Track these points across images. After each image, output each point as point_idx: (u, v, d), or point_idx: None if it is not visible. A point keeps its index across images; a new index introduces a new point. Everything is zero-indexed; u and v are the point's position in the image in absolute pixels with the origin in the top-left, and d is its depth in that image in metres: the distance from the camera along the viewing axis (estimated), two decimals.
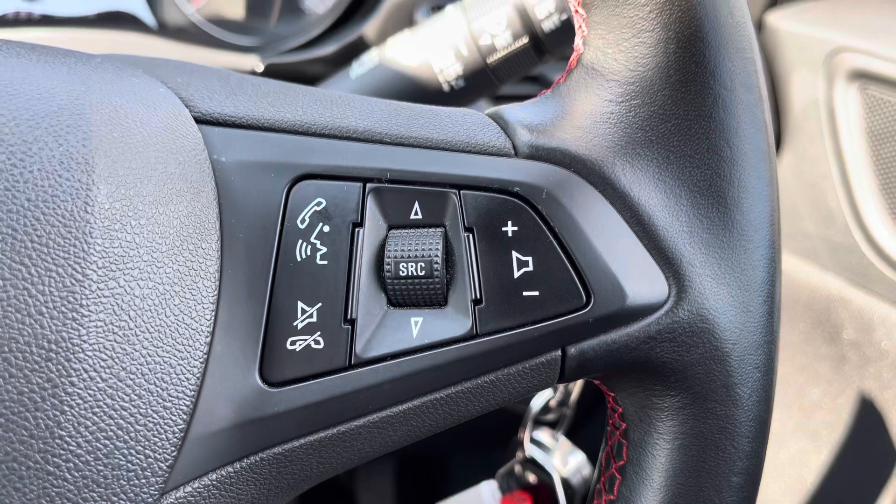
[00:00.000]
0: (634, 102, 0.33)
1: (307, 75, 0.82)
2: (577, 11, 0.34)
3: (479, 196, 0.32)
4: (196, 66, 0.35)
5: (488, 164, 0.33)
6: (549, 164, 0.33)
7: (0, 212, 0.26)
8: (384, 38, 0.82)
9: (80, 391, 0.26)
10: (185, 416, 0.28)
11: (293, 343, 0.31)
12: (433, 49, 0.58)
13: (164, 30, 0.89)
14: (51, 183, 0.27)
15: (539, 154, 0.33)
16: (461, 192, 0.32)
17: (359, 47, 0.83)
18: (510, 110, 0.35)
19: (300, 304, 0.31)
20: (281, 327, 0.31)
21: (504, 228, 0.32)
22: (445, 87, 0.59)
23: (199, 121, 0.32)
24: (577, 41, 0.35)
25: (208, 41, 0.87)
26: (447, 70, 0.58)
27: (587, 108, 0.34)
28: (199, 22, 0.90)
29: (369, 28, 0.83)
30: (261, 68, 0.81)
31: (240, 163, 0.31)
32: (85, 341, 0.26)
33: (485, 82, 0.59)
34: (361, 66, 0.61)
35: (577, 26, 0.35)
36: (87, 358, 0.26)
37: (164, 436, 0.28)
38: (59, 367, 0.26)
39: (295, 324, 0.31)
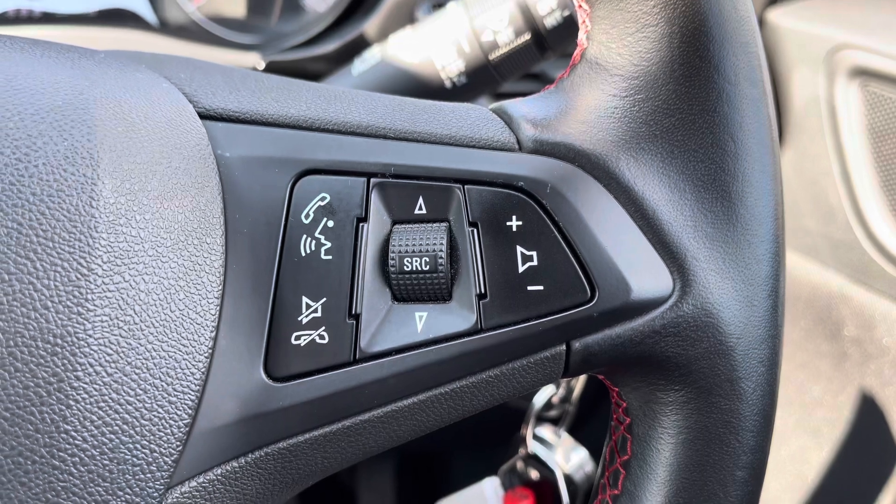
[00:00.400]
0: (638, 97, 0.33)
1: (308, 73, 0.82)
2: (580, 6, 0.34)
3: (483, 191, 0.32)
4: (199, 62, 0.36)
5: (492, 158, 0.33)
6: (554, 158, 0.33)
7: (6, 206, 0.26)
8: (385, 35, 0.82)
9: (85, 386, 0.26)
10: (190, 411, 0.28)
11: (298, 338, 0.31)
12: (435, 45, 0.58)
13: (165, 28, 0.89)
14: (56, 177, 0.27)
15: (543, 149, 0.33)
16: (465, 186, 0.32)
17: (360, 45, 0.83)
18: (514, 105, 0.35)
19: (305, 299, 0.31)
20: (285, 322, 0.31)
21: (508, 223, 0.32)
22: (447, 84, 0.59)
23: (203, 116, 0.32)
24: (581, 36, 0.35)
25: (209, 39, 0.87)
26: (449, 66, 0.58)
27: (591, 102, 0.34)
28: (199, 20, 0.90)
29: (370, 26, 0.83)
30: (262, 66, 0.81)
31: (244, 158, 0.31)
32: (90, 336, 0.26)
33: (487, 79, 0.59)
34: (363, 63, 0.61)
35: (580, 21, 0.35)
36: (92, 352, 0.26)
37: (169, 430, 0.28)
38: (65, 361, 0.26)
39: (300, 319, 0.31)
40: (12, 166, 0.26)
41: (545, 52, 0.58)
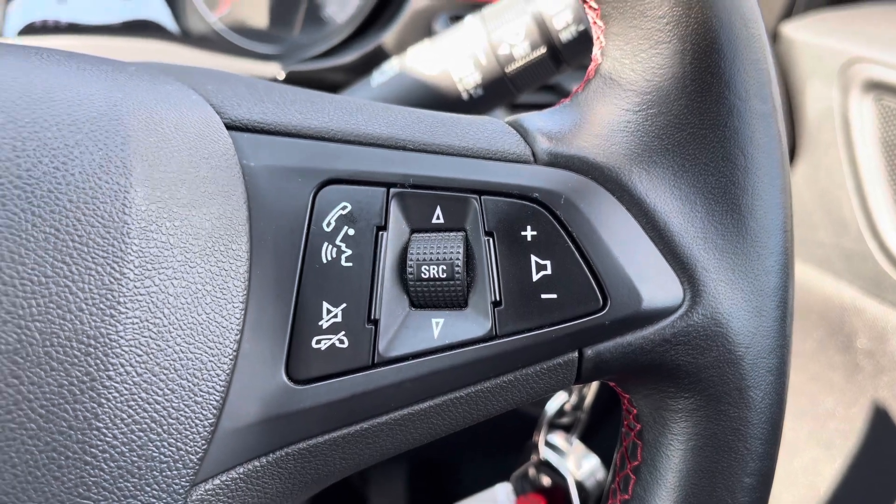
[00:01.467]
0: (651, 112, 0.34)
1: (328, 83, 0.83)
2: (595, 23, 0.35)
3: (499, 201, 0.33)
4: (225, 74, 0.37)
5: (508, 170, 0.34)
6: (568, 171, 0.34)
7: (44, 212, 0.27)
8: (403, 47, 0.83)
9: (116, 385, 0.27)
10: (214, 411, 0.29)
11: (318, 342, 0.32)
12: (453, 58, 0.59)
13: (187, 37, 0.90)
14: (91, 185, 0.28)
15: (558, 161, 0.34)
16: (482, 197, 0.33)
17: (378, 56, 0.84)
18: (530, 119, 0.36)
19: (326, 305, 0.32)
20: (307, 327, 0.32)
21: (523, 233, 0.33)
22: (464, 96, 0.60)
23: (229, 127, 0.33)
24: (595, 52, 0.36)
25: (230, 49, 0.89)
26: (466, 79, 0.59)
27: (605, 116, 0.34)
28: (221, 30, 0.92)
29: (388, 37, 0.85)
30: (282, 76, 0.82)
31: (268, 167, 0.33)
32: (122, 337, 0.27)
33: (503, 91, 0.60)
34: (382, 75, 0.62)
35: (595, 37, 0.36)
36: (123, 353, 0.27)
37: (194, 429, 0.29)
38: (98, 361, 0.27)
39: (320, 323, 0.32)
40: (50, 175, 0.27)
41: (560, 65, 0.59)
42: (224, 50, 0.88)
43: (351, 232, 0.33)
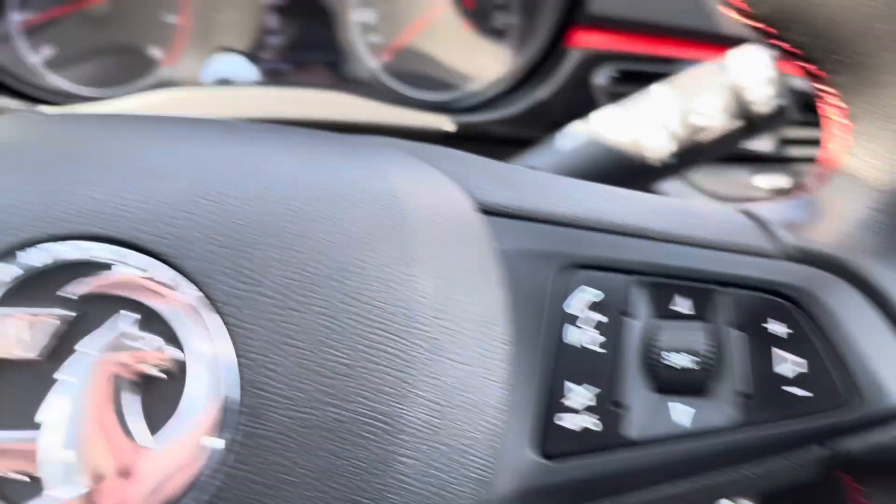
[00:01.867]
0: None
1: (494, 136, 0.85)
2: (840, 122, 0.36)
3: (742, 294, 0.34)
4: (463, 156, 0.39)
5: (751, 263, 0.35)
6: (812, 266, 0.35)
7: (351, 300, 0.30)
8: (564, 100, 0.85)
9: (406, 460, 0.30)
10: (483, 485, 0.31)
11: (569, 421, 0.33)
12: (645, 127, 0.60)
13: (350, 85, 0.94)
14: (388, 276, 0.31)
15: (802, 256, 0.35)
16: (726, 289, 0.34)
17: (540, 108, 0.86)
18: (769, 210, 0.37)
19: (575, 386, 0.33)
20: (559, 407, 0.33)
21: (767, 326, 0.34)
22: (657, 164, 0.61)
23: (480, 211, 0.35)
24: (836, 148, 0.37)
25: (392, 97, 0.93)
26: (660, 148, 0.60)
27: (849, 213, 0.35)
28: (383, 77, 0.96)
29: (548, 90, 0.87)
30: (452, 129, 0.85)
31: (518, 251, 0.34)
32: (413, 416, 0.30)
33: (695, 160, 0.61)
34: (572, 140, 0.64)
35: (836, 135, 0.37)
36: (413, 431, 0.30)
37: (464, 501, 0.31)
38: (392, 437, 0.29)
39: (570, 404, 0.33)
40: (356, 266, 0.30)
41: (753, 135, 0.60)
42: (386, 98, 0.91)
43: (597, 316, 0.34)
